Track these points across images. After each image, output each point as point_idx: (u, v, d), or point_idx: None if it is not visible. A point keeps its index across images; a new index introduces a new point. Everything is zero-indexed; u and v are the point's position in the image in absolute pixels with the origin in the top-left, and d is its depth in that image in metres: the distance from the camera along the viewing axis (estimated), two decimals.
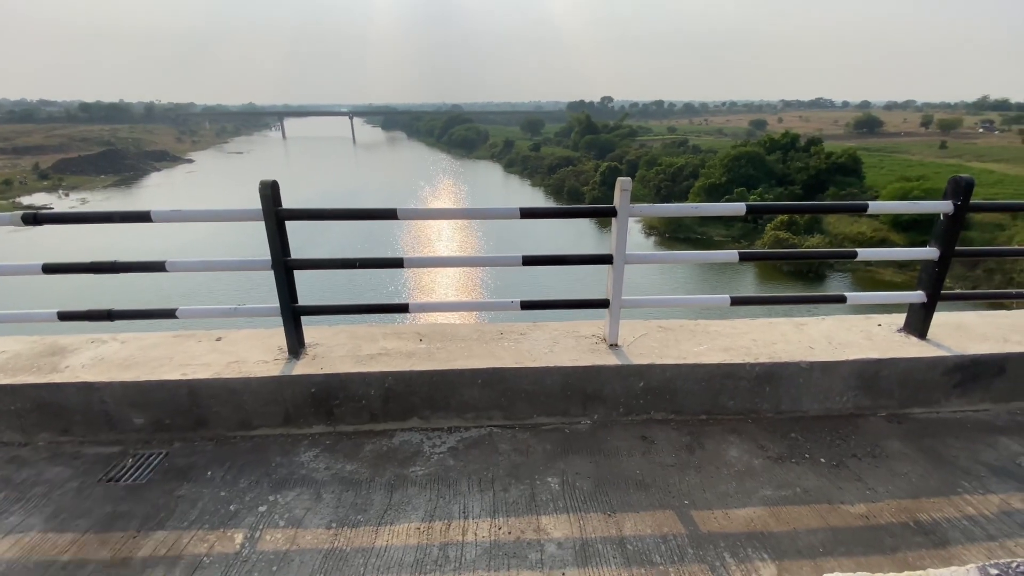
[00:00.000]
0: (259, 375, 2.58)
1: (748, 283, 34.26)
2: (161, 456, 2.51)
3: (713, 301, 2.88)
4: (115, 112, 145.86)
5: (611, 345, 2.84)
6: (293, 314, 2.73)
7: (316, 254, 3.13)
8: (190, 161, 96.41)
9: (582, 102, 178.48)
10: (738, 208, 2.71)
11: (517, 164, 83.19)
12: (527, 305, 2.77)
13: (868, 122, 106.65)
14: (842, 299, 3.05)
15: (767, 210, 2.87)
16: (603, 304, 2.79)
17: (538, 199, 64.29)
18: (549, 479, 2.35)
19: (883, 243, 37.15)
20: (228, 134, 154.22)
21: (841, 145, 60.33)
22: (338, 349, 2.85)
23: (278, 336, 2.96)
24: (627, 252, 2.64)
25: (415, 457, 2.51)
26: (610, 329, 2.80)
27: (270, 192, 2.44)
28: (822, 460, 2.53)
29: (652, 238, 45.63)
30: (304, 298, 2.76)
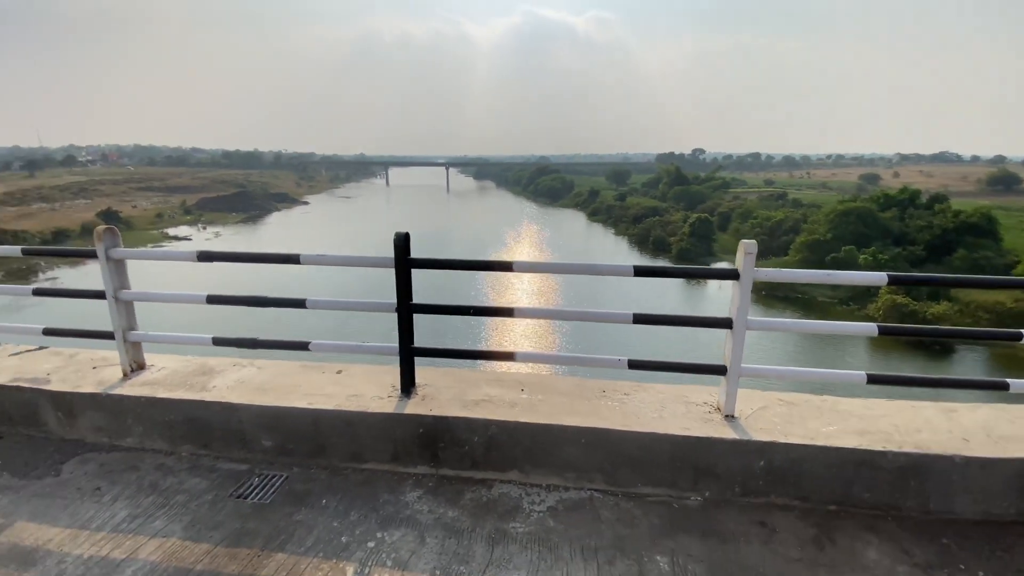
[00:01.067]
0: (374, 410, 2.73)
1: (860, 355, 30.78)
2: (282, 479, 2.69)
3: (847, 378, 2.63)
4: (250, 159, 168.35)
5: (727, 416, 2.66)
6: (409, 354, 2.87)
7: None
8: (306, 203, 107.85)
9: (672, 154, 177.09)
10: (879, 278, 2.49)
11: (601, 213, 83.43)
12: (635, 365, 2.70)
13: (1004, 179, 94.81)
14: (1004, 386, 2.64)
15: (913, 281, 2.61)
16: (719, 371, 2.64)
17: (621, 248, 63.62)
18: (658, 558, 2.20)
19: None
20: (340, 180, 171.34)
21: (972, 203, 53.96)
22: (445, 391, 2.94)
23: (391, 374, 3.12)
24: (749, 318, 2.51)
25: (515, 512, 2.47)
26: (727, 398, 2.64)
27: (403, 243, 2.65)
28: (981, 574, 2.14)
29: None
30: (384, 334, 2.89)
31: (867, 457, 2.45)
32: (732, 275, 2.49)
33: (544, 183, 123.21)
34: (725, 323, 2.57)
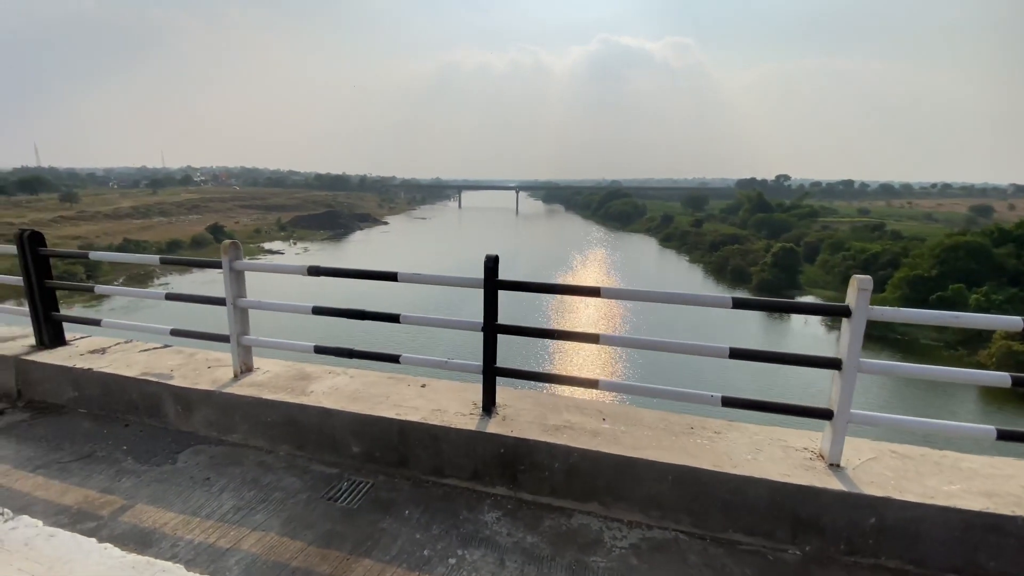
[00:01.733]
0: (457, 426, 2.78)
1: (969, 405, 27.23)
2: (369, 486, 2.81)
3: (976, 432, 2.33)
4: (338, 182, 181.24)
5: (831, 465, 2.45)
6: (492, 374, 2.92)
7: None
8: (386, 223, 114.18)
9: (753, 179, 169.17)
10: (1013, 323, 2.21)
11: (675, 239, 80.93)
12: (729, 402, 2.56)
13: None
14: None
15: None
16: (826, 415, 2.45)
17: (696, 276, 61.15)
18: None
19: None
20: (417, 202, 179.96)
21: None
22: (525, 414, 2.95)
23: (472, 391, 3.18)
24: (862, 359, 2.31)
25: (595, 546, 2.40)
26: (832, 446, 2.43)
27: (492, 265, 2.73)
28: None
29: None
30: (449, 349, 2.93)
31: (996, 522, 2.16)
32: (844, 312, 2.32)
33: (615, 207, 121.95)
34: (834, 363, 2.38)
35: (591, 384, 2.88)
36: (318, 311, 3.10)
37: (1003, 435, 2.33)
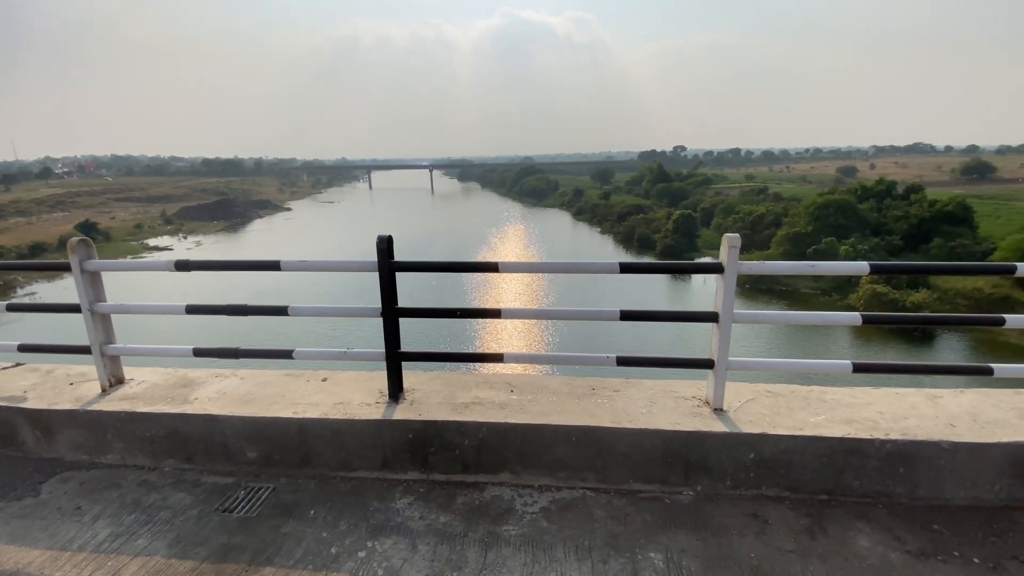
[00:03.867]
0: (362, 417, 2.68)
1: (842, 343, 31.30)
2: (269, 491, 2.64)
3: (833, 367, 2.65)
4: (230, 167, 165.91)
5: (715, 409, 2.67)
6: (396, 360, 2.83)
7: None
8: (288, 209, 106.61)
9: (654, 151, 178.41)
10: (860, 267, 2.52)
11: (586, 212, 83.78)
12: (623, 361, 2.69)
13: (978, 167, 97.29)
14: (988, 371, 2.68)
15: (894, 270, 2.64)
16: (707, 364, 2.65)
17: (607, 246, 63.94)
18: (652, 554, 2.19)
19: (1005, 301, 32.78)
20: (323, 185, 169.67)
21: (947, 192, 55.19)
22: (434, 396, 2.91)
23: (379, 379, 3.08)
24: (735, 311, 2.52)
25: (507, 515, 2.44)
26: (715, 392, 2.64)
27: (386, 246, 2.61)
28: (976, 560, 2.16)
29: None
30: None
31: (856, 446, 2.47)
32: (717, 269, 2.50)
33: (529, 183, 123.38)
34: (711, 317, 2.57)
35: (497, 359, 2.89)
36: (193, 310, 2.81)
37: (858, 368, 2.65)
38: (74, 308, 2.94)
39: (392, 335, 2.80)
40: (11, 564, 2.23)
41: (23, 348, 3.13)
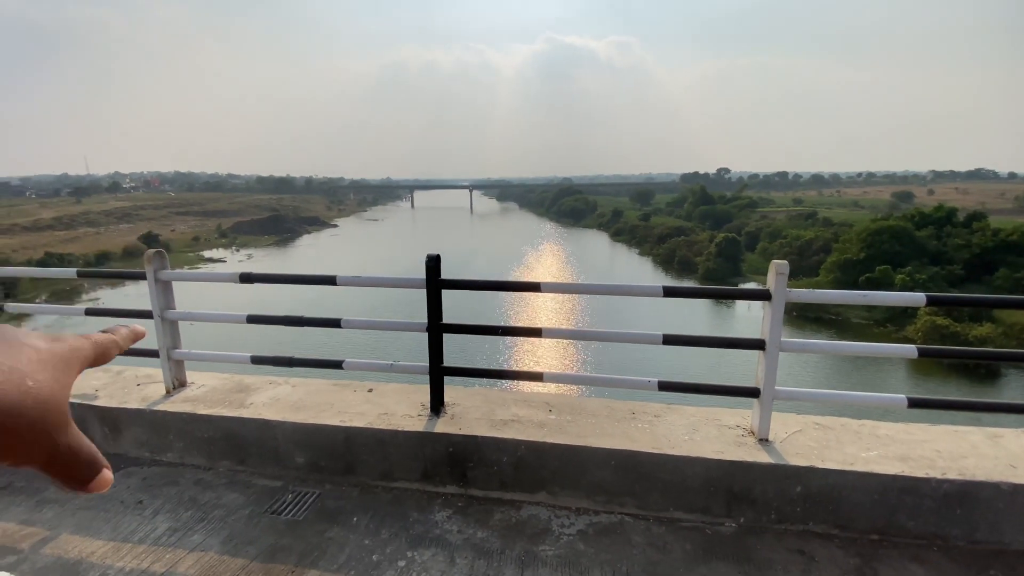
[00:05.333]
0: (405, 429, 2.76)
1: (896, 377, 29.46)
2: (315, 496, 2.74)
3: (887, 401, 2.55)
4: (282, 184, 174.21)
5: (761, 440, 2.60)
6: (439, 374, 2.91)
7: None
8: (335, 226, 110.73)
9: (696, 173, 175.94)
10: (916, 299, 2.43)
11: (625, 233, 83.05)
12: (665, 386, 2.68)
13: None
14: None
15: (954, 302, 2.53)
16: (753, 393, 2.60)
17: (646, 268, 63.00)
18: None
19: None
20: (368, 204, 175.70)
21: (1011, 221, 51.71)
22: (474, 411, 2.96)
23: (421, 392, 3.16)
24: (783, 339, 2.47)
25: (544, 535, 2.45)
26: (760, 422, 2.58)
27: (434, 264, 2.72)
28: None
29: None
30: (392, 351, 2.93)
31: (911, 484, 2.36)
32: (764, 296, 2.47)
33: (567, 204, 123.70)
34: (757, 344, 2.53)
35: (536, 377, 2.93)
36: (254, 320, 2.99)
37: (914, 403, 2.55)
38: (146, 314, 3.18)
39: (436, 350, 2.89)
40: (75, 553, 2.40)
41: None
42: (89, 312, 3.54)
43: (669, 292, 2.56)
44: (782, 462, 2.44)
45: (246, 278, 2.94)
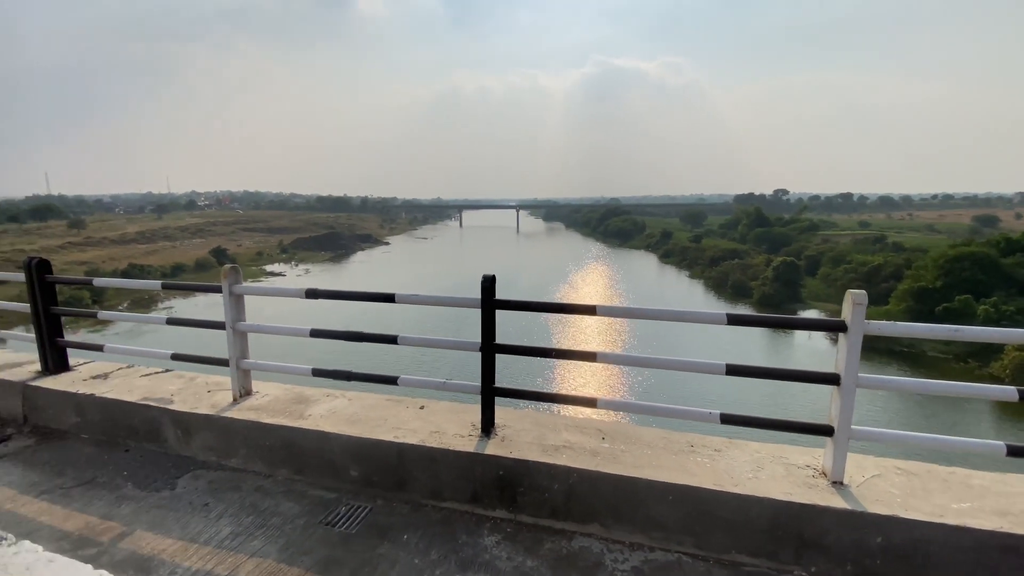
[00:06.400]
0: (456, 448, 2.76)
1: (983, 420, 26.75)
2: (367, 510, 2.78)
3: (983, 448, 2.31)
4: (340, 203, 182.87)
5: (834, 482, 2.42)
6: (490, 394, 2.91)
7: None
8: (387, 243, 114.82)
9: (751, 194, 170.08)
10: (1019, 335, 2.21)
11: (675, 255, 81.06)
12: (728, 419, 2.55)
13: None
14: None
15: None
16: (826, 431, 2.42)
17: (696, 291, 61.06)
18: None
19: None
20: (418, 223, 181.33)
21: None
22: (524, 434, 2.93)
23: (471, 412, 3.17)
24: (860, 374, 2.30)
25: (596, 569, 2.36)
26: (834, 463, 2.40)
27: (490, 285, 2.74)
28: None
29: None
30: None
31: (1012, 543, 2.11)
32: (839, 327, 2.32)
33: (614, 224, 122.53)
34: (832, 379, 2.37)
35: (589, 403, 2.86)
36: (316, 334, 3.12)
37: (1014, 451, 2.30)
38: (219, 325, 3.38)
39: (488, 370, 2.89)
40: (149, 550, 2.53)
41: (176, 357, 3.62)
42: (170, 321, 3.80)
43: (733, 320, 2.45)
44: (860, 509, 2.25)
45: (312, 294, 3.07)
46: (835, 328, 2.33)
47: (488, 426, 2.94)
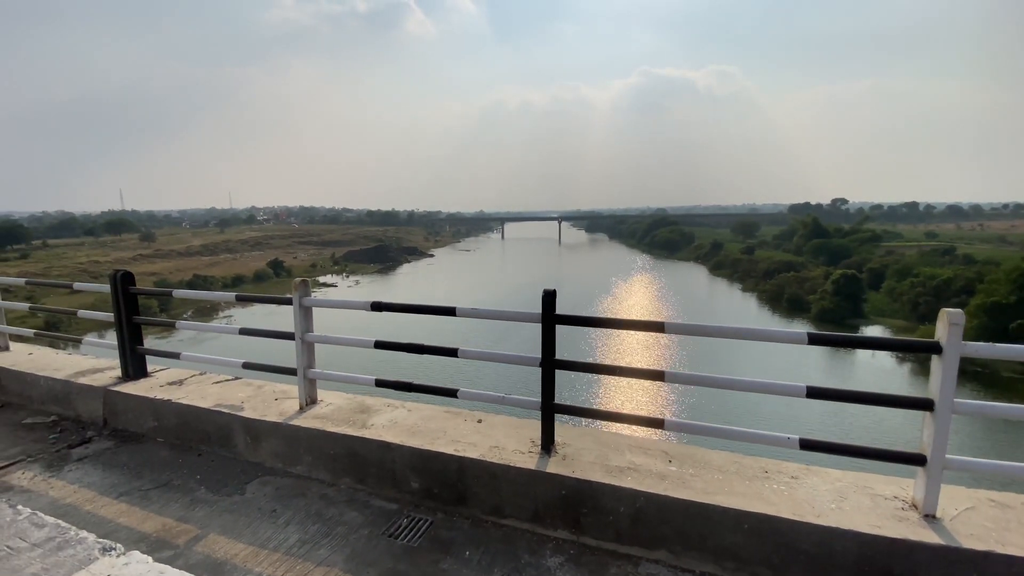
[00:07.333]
0: (517, 465, 2.74)
1: None
2: (428, 524, 2.79)
3: None
4: (388, 217, 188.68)
5: (926, 515, 2.23)
6: (550, 411, 2.87)
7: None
8: (431, 256, 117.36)
9: (807, 204, 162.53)
10: None
11: (726, 267, 78.31)
12: (807, 445, 2.40)
13: None
14: None
15: None
16: (918, 460, 2.24)
17: (750, 305, 58.67)
18: None
19: None
20: (462, 235, 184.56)
21: None
22: (586, 453, 2.87)
23: (529, 427, 3.14)
24: (956, 400, 2.12)
25: None
26: (926, 494, 2.21)
27: (550, 299, 2.72)
28: None
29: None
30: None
31: None
32: (934, 349, 2.15)
33: (661, 235, 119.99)
34: (925, 404, 2.20)
35: (656, 424, 2.78)
36: (380, 345, 3.19)
37: None
38: (288, 336, 3.52)
39: (548, 386, 2.86)
40: (222, 553, 2.63)
41: (247, 366, 3.80)
42: (243, 332, 3.99)
43: (815, 340, 2.32)
44: (955, 544, 2.06)
45: (377, 307, 3.15)
46: (929, 350, 2.16)
47: (548, 443, 2.90)
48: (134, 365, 4.31)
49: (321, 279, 78.20)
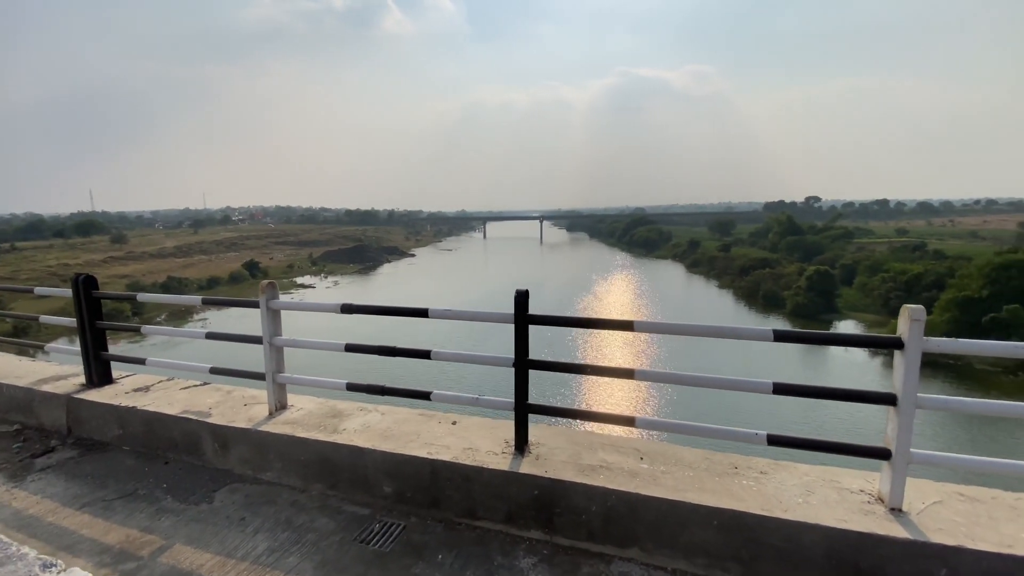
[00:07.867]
0: (490, 466, 2.72)
1: None
2: (400, 528, 2.75)
3: None
4: (367, 217, 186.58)
5: (892, 509, 2.27)
6: (524, 411, 2.86)
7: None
8: (412, 255, 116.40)
9: (782, 202, 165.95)
10: None
11: (703, 264, 79.55)
12: (775, 440, 2.43)
13: None
14: None
15: None
16: (883, 455, 2.29)
17: (727, 301, 59.70)
18: None
19: None
20: (443, 234, 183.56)
21: None
22: (559, 453, 2.86)
23: (503, 428, 3.12)
24: (920, 394, 2.17)
25: None
26: (892, 488, 2.26)
27: (523, 300, 2.71)
28: None
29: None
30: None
31: None
32: (896, 344, 2.19)
33: (639, 234, 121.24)
34: (888, 399, 2.24)
35: (627, 422, 2.78)
36: (351, 348, 3.13)
37: None
38: (256, 339, 3.43)
39: (522, 386, 2.85)
40: (188, 564, 2.55)
41: (215, 371, 3.70)
42: (210, 336, 3.89)
43: (781, 337, 2.35)
44: (922, 538, 2.11)
45: (347, 309, 3.10)
46: (891, 345, 2.21)
47: (522, 444, 2.89)
48: (98, 372, 4.17)
49: (299, 280, 76.97)
